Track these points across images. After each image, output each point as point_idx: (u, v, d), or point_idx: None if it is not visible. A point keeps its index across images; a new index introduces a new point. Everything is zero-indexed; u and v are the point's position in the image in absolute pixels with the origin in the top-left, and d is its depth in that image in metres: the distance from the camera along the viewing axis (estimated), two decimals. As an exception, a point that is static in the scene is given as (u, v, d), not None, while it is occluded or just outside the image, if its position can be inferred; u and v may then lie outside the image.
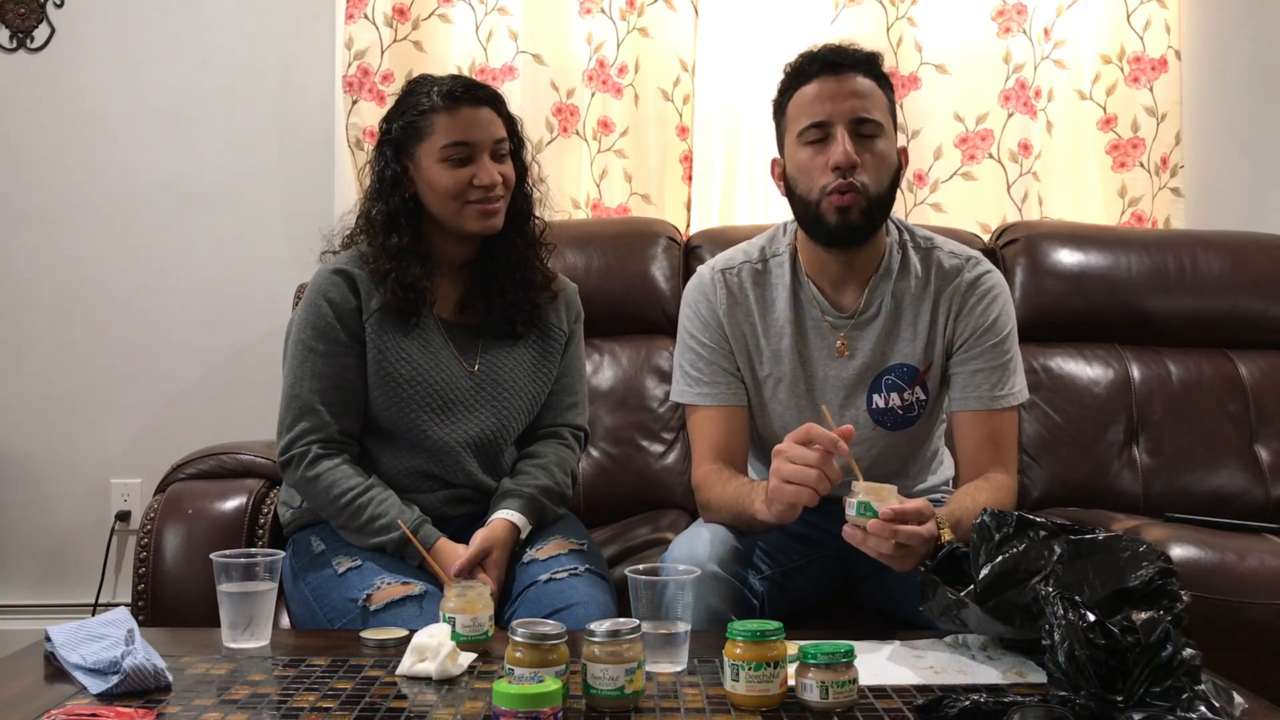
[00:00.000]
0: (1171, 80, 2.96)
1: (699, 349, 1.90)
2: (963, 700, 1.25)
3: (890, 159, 1.81)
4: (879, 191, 1.79)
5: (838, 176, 1.75)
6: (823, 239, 1.82)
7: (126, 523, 3.04)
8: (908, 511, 1.55)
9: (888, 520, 1.53)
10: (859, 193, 1.76)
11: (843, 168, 1.75)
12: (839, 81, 1.78)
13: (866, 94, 1.79)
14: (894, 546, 1.54)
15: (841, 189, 1.76)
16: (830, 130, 1.77)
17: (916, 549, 1.56)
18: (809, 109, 1.79)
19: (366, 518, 1.82)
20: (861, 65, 1.80)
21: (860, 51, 1.82)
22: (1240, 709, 1.23)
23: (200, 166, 3.06)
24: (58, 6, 3.04)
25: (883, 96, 1.82)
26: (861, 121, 1.77)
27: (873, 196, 1.78)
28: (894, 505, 1.54)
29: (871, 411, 1.87)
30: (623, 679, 1.29)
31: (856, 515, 1.55)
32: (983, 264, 1.89)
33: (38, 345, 3.07)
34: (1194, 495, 2.52)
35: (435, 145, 1.87)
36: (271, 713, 1.31)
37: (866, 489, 1.56)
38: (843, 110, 1.77)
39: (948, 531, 1.61)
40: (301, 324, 1.91)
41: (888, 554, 1.55)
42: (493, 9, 2.96)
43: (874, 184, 1.78)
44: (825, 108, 1.77)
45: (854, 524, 1.56)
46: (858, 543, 1.56)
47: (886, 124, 1.81)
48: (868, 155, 1.77)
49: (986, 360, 1.85)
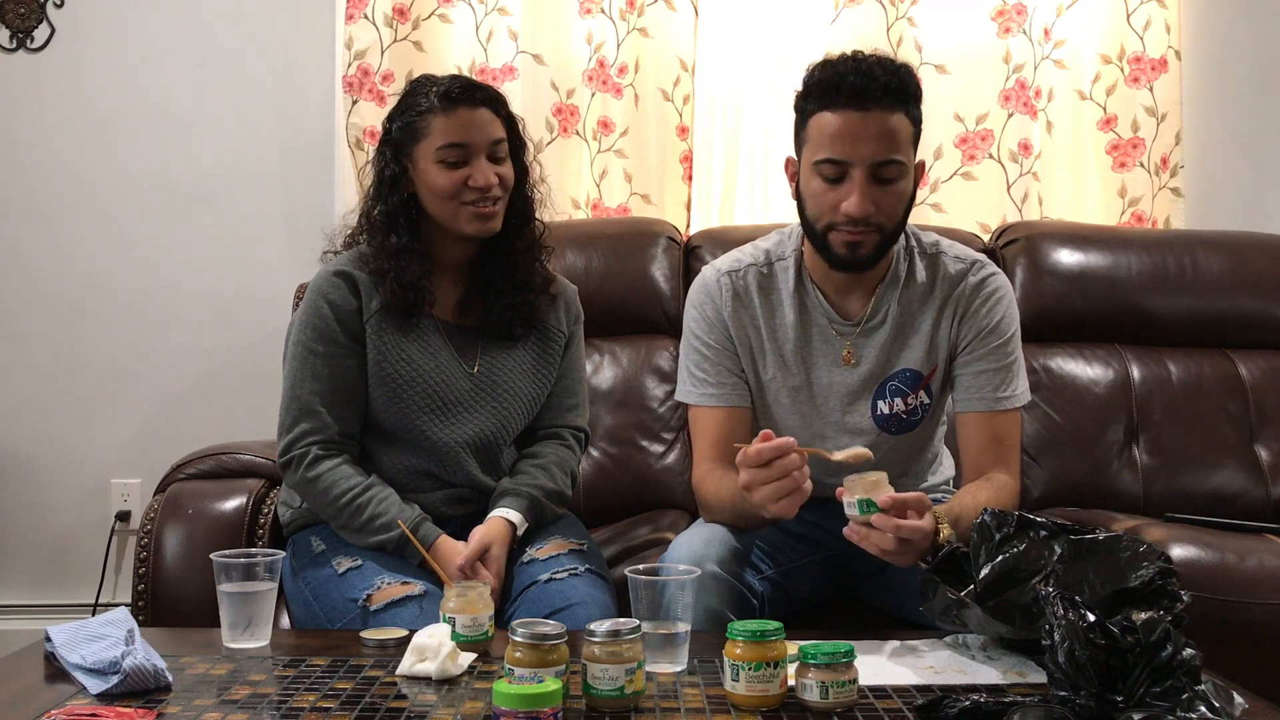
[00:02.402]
0: (1171, 80, 2.96)
1: (704, 350, 1.90)
2: (963, 700, 1.25)
3: (907, 194, 1.77)
4: (893, 227, 1.77)
5: (850, 220, 1.72)
6: (829, 263, 1.81)
7: (126, 523, 3.04)
8: (908, 500, 1.56)
9: (888, 507, 1.53)
10: (873, 232, 1.74)
11: (855, 219, 1.72)
12: (863, 119, 1.69)
13: (890, 132, 1.71)
14: (896, 542, 1.54)
15: (854, 231, 1.73)
16: (848, 171, 1.72)
17: (917, 544, 1.56)
18: (828, 143, 1.71)
19: (366, 517, 1.82)
20: (891, 95, 1.70)
21: (891, 77, 1.71)
22: (1240, 709, 1.23)
23: (200, 166, 3.06)
24: (58, 6, 3.04)
25: (908, 127, 1.73)
26: (882, 164, 1.71)
27: (887, 233, 1.76)
28: (892, 494, 1.55)
29: (876, 417, 1.87)
30: (623, 679, 1.29)
31: (860, 514, 1.55)
32: (987, 267, 1.89)
33: (38, 345, 3.07)
34: (1194, 495, 2.52)
35: (432, 146, 1.87)
36: (271, 713, 1.31)
37: (860, 483, 1.56)
38: (863, 154, 1.70)
39: (947, 528, 1.61)
40: (302, 325, 1.91)
41: (890, 549, 1.55)
42: (493, 9, 2.96)
43: (890, 221, 1.75)
44: (845, 148, 1.70)
45: (857, 522, 1.56)
46: (859, 540, 1.56)
47: (908, 159, 1.74)
48: (884, 196, 1.73)
49: (990, 362, 1.85)
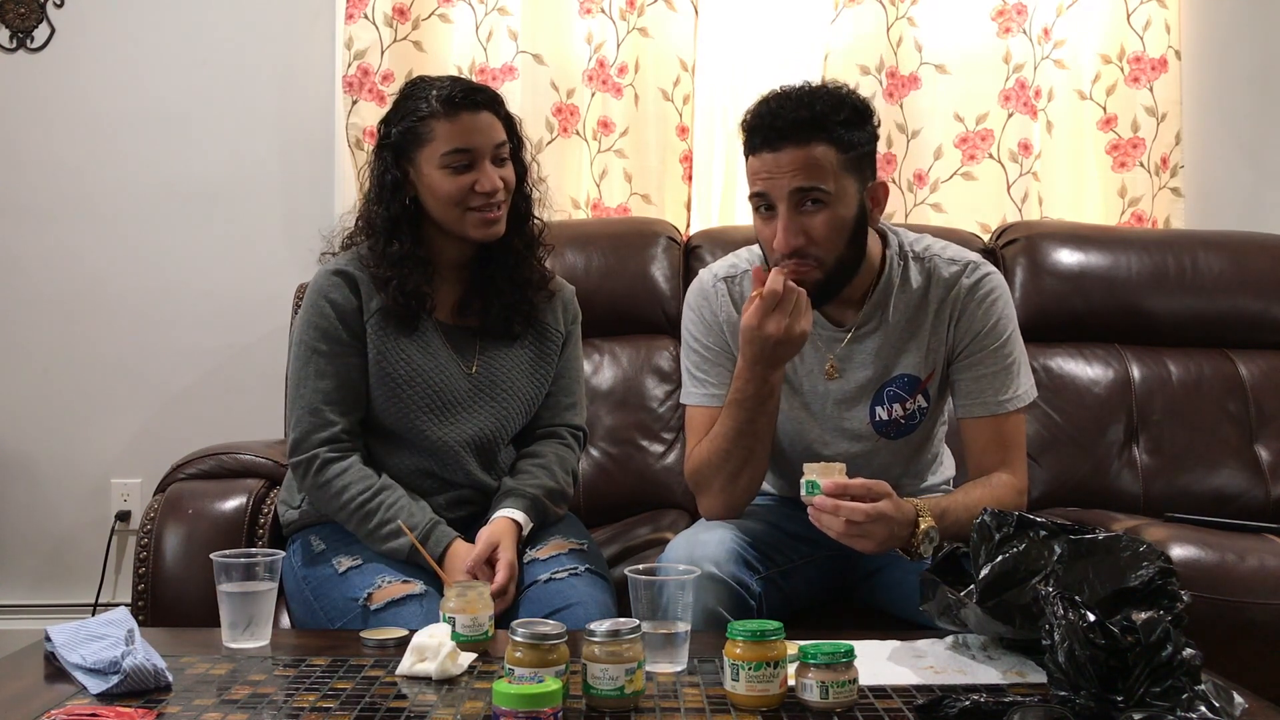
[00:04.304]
0: (1171, 80, 2.96)
1: (703, 351, 1.90)
2: (963, 700, 1.25)
3: (843, 222, 1.73)
4: (835, 256, 1.75)
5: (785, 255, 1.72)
6: None
7: (126, 523, 3.04)
8: (852, 486, 1.59)
9: (830, 494, 1.58)
10: (811, 265, 1.74)
11: (781, 253, 1.72)
12: (775, 159, 1.70)
13: (810, 163, 1.69)
14: (844, 524, 1.58)
15: (794, 266, 1.72)
16: (773, 203, 1.72)
17: (873, 530, 1.59)
18: (752, 179, 1.74)
19: (375, 523, 1.82)
20: (803, 129, 1.68)
21: (800, 110, 1.69)
22: (1240, 709, 1.23)
23: (200, 166, 3.06)
24: (58, 6, 3.04)
25: (833, 154, 1.70)
26: (804, 191, 1.70)
27: (829, 265, 1.75)
28: (836, 479, 1.59)
29: (875, 423, 1.87)
30: (623, 679, 1.30)
31: (806, 494, 1.62)
32: (981, 268, 1.88)
33: (38, 345, 3.07)
34: (1194, 495, 2.52)
35: (436, 152, 1.86)
36: (271, 713, 1.31)
37: (813, 469, 1.62)
38: (781, 186, 1.70)
39: (929, 518, 1.64)
40: (304, 325, 1.91)
41: (841, 532, 1.59)
42: (493, 9, 2.96)
43: (827, 252, 1.74)
44: (764, 183, 1.72)
45: (805, 502, 1.62)
46: (814, 521, 1.62)
47: (836, 186, 1.71)
48: (812, 224, 1.71)
49: (989, 365, 1.84)
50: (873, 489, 1.60)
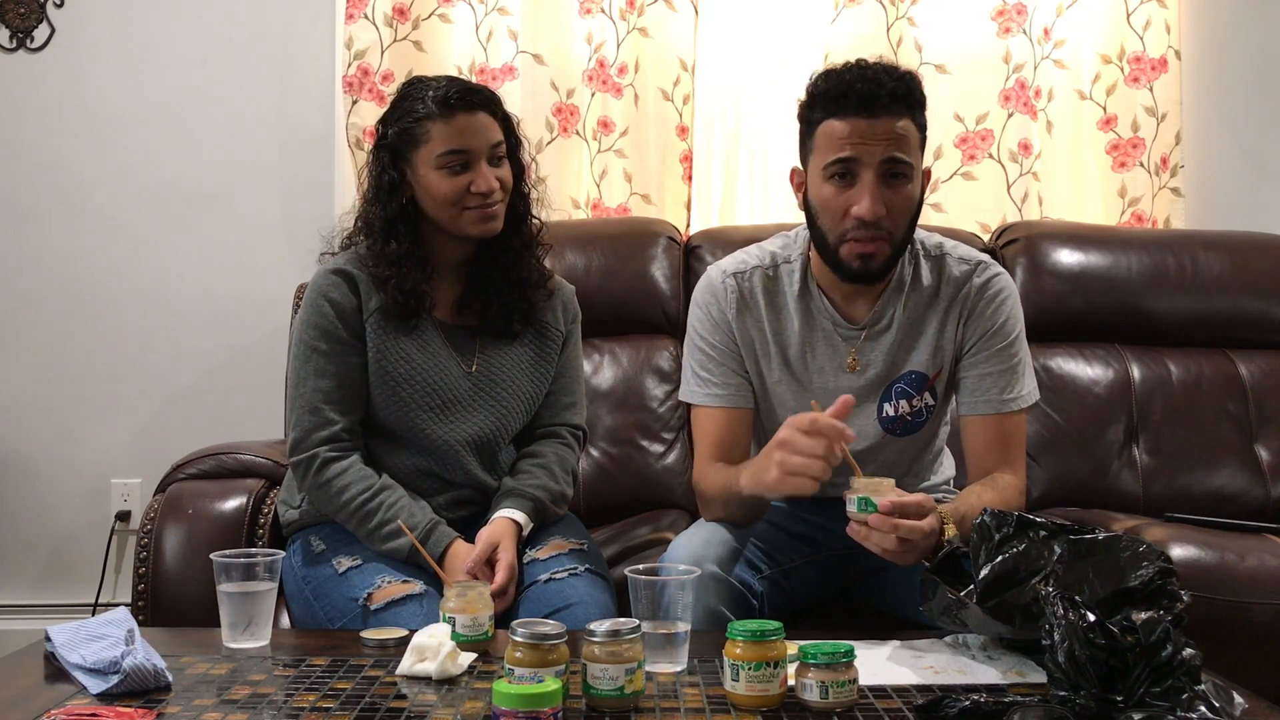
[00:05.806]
0: (1171, 80, 2.96)
1: (708, 350, 1.89)
2: (963, 700, 1.25)
3: (914, 199, 1.76)
4: (903, 233, 1.77)
5: (861, 225, 1.72)
6: (840, 276, 1.80)
7: (126, 523, 3.04)
8: (908, 504, 1.55)
9: (887, 513, 1.53)
10: (884, 240, 1.74)
11: (868, 221, 1.71)
12: (871, 125, 1.69)
13: (902, 135, 1.71)
14: (896, 541, 1.54)
15: (865, 238, 1.72)
16: (857, 171, 1.71)
17: (918, 544, 1.56)
18: (837, 146, 1.71)
19: (375, 523, 1.82)
20: (899, 102, 1.71)
21: (898, 84, 1.71)
22: (1240, 709, 1.23)
23: (200, 166, 3.06)
24: (58, 6, 3.04)
25: (915, 131, 1.74)
26: (892, 162, 1.71)
27: (897, 241, 1.76)
28: (893, 498, 1.55)
29: (882, 420, 1.87)
30: (623, 679, 1.29)
31: (857, 511, 1.56)
32: (991, 268, 1.88)
33: (38, 345, 3.07)
34: (1194, 495, 2.52)
35: (432, 152, 1.86)
36: (271, 713, 1.31)
37: (865, 485, 1.57)
38: (873, 152, 1.69)
39: (952, 528, 1.61)
40: (304, 325, 1.91)
41: (891, 549, 1.55)
42: (493, 9, 2.96)
43: (899, 228, 1.75)
44: (855, 148, 1.70)
45: (856, 520, 1.56)
46: (861, 538, 1.57)
47: (916, 161, 1.74)
48: (895, 198, 1.72)
49: (995, 364, 1.84)
50: (923, 505, 1.57)
